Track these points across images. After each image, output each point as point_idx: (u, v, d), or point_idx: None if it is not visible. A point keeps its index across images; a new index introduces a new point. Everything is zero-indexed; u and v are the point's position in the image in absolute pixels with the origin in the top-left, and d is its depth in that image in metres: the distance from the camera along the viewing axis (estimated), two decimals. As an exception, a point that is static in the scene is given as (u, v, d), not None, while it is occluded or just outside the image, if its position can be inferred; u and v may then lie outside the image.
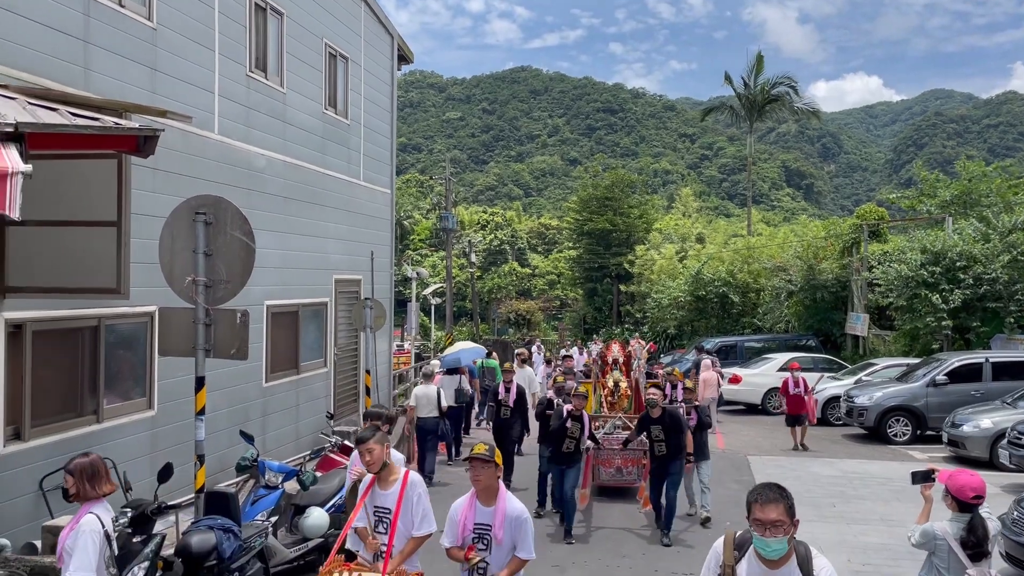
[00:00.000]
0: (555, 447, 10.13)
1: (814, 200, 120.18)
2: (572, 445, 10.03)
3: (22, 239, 6.58)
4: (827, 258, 27.02)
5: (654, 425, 9.76)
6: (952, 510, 4.97)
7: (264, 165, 11.19)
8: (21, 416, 6.91)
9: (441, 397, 12.67)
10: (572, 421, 10.01)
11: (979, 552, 4.77)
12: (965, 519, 4.87)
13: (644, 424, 9.92)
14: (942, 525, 4.95)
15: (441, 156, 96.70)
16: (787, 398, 16.28)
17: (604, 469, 12.05)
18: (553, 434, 10.15)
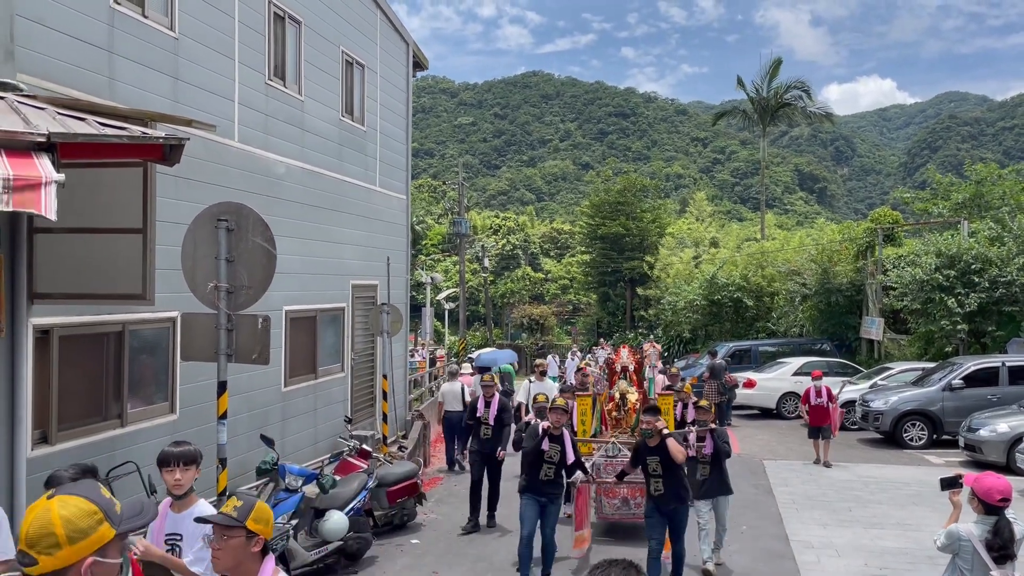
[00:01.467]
0: (530, 475, 8.22)
1: (827, 204, 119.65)
2: (551, 472, 8.19)
3: (50, 246, 6.71)
4: (841, 262, 26.96)
5: (651, 456, 7.81)
6: (978, 512, 5.01)
7: (283, 172, 11.32)
8: (48, 420, 7.04)
9: (465, 392, 13.93)
10: (550, 442, 8.17)
11: (1004, 554, 4.82)
12: (991, 521, 4.92)
13: (640, 455, 7.97)
14: (967, 527, 4.99)
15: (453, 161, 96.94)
16: (809, 408, 15.04)
17: (607, 500, 10.00)
18: (527, 458, 8.29)
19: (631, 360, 12.02)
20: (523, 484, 8.29)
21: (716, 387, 18.75)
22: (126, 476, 7.85)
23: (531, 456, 8.20)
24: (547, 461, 8.16)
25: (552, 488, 8.25)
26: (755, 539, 10.12)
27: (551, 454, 8.18)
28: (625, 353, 12.14)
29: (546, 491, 8.22)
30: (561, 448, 8.22)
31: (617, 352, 12.37)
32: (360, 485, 9.33)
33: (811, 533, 10.39)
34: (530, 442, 8.26)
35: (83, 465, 5.61)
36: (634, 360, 12.13)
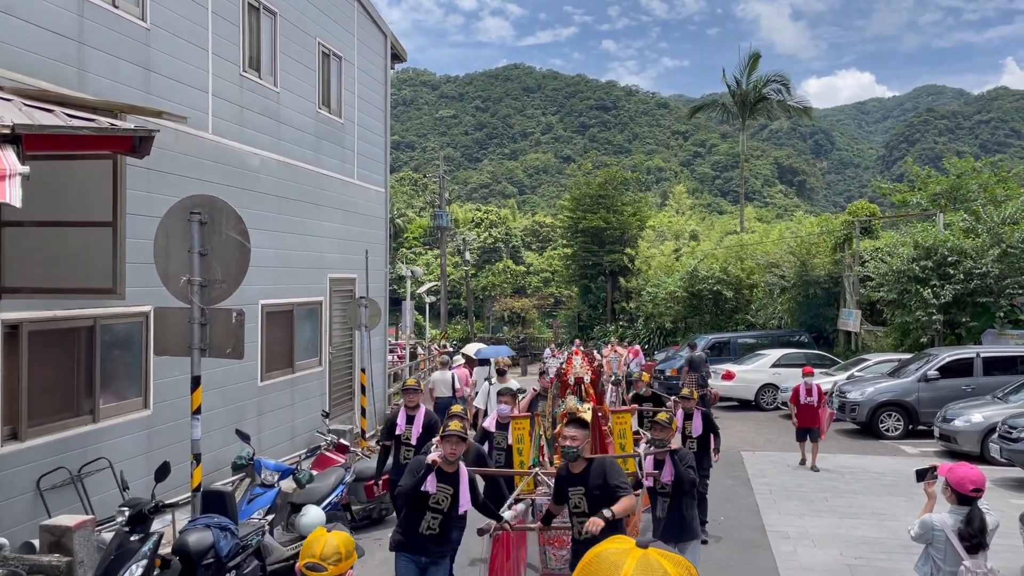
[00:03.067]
0: (407, 525, 6.03)
1: (806, 197, 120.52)
2: (437, 524, 5.94)
3: (18, 240, 6.61)
4: (820, 254, 27.16)
5: (574, 487, 5.71)
6: (951, 503, 5.06)
7: (258, 164, 11.22)
8: (18, 416, 6.95)
9: (456, 380, 14.25)
10: (438, 481, 5.92)
11: (976, 544, 4.86)
12: (963, 512, 4.97)
13: (560, 487, 5.86)
14: (940, 517, 5.03)
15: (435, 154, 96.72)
16: (798, 408, 13.93)
17: (552, 551, 7.27)
18: (404, 503, 6.10)
19: (586, 369, 9.28)
20: (397, 538, 6.05)
21: (696, 379, 18.83)
22: (98, 472, 7.77)
23: (410, 501, 5.93)
24: (432, 508, 5.89)
25: (437, 546, 6.00)
26: (732, 530, 10.18)
27: (437, 499, 5.89)
28: (578, 361, 9.33)
29: (429, 549, 5.97)
30: (453, 492, 5.94)
31: (569, 360, 9.40)
32: (337, 480, 9.29)
33: (788, 524, 10.46)
34: (409, 479, 5.95)
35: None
36: (590, 369, 9.38)
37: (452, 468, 5.97)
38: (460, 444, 6.01)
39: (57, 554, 6.22)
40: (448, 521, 6.05)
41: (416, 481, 5.90)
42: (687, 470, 6.93)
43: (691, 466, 6.98)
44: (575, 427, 5.74)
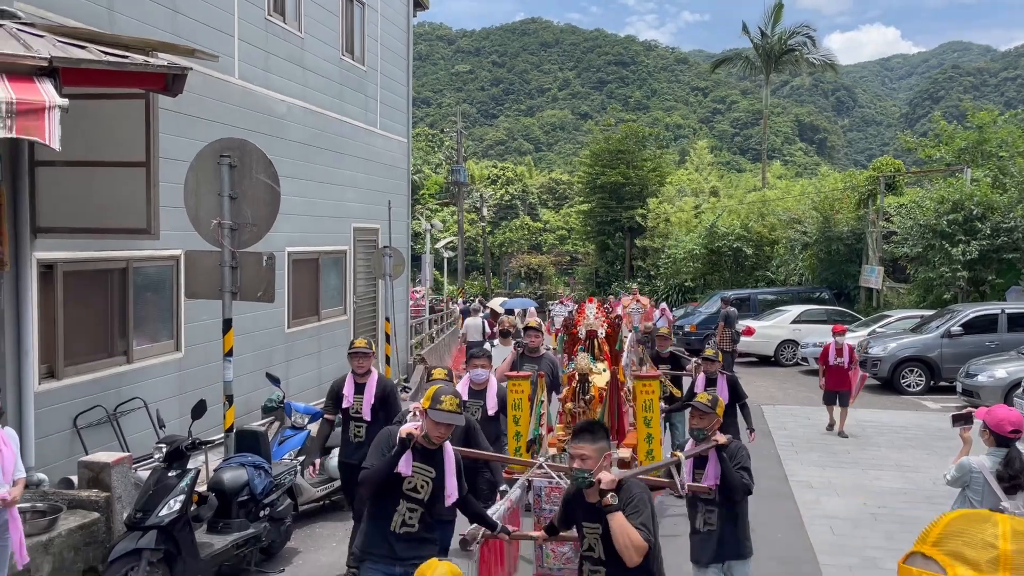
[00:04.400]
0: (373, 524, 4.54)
1: (827, 155, 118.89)
2: (414, 519, 4.46)
3: (52, 180, 6.63)
4: (843, 210, 26.88)
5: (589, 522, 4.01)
6: (989, 444, 5.07)
7: (284, 111, 11.16)
8: (55, 355, 7.04)
9: (485, 326, 14.66)
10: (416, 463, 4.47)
11: (1015, 485, 4.88)
12: (1002, 453, 4.98)
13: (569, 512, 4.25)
14: (979, 459, 5.05)
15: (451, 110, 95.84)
16: (827, 370, 12.95)
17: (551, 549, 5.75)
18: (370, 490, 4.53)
19: (600, 321, 7.64)
20: (361, 544, 4.58)
21: (730, 335, 18.69)
22: (132, 412, 7.89)
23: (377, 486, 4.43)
24: (407, 496, 4.42)
25: (415, 548, 4.43)
26: (755, 479, 10.25)
27: (415, 484, 4.42)
28: (592, 310, 7.74)
29: (404, 554, 4.43)
30: (435, 476, 4.49)
31: (581, 309, 7.83)
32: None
33: (810, 474, 10.52)
34: (376, 458, 4.47)
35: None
36: (606, 321, 7.69)
37: (435, 444, 4.46)
38: (449, 429, 4.49)
39: (96, 489, 6.36)
40: (429, 515, 4.48)
41: (388, 460, 4.36)
42: (739, 472, 5.04)
43: (745, 467, 5.12)
44: (586, 440, 3.86)
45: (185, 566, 5.94)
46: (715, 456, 5.06)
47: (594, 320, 7.63)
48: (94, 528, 6.17)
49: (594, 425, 4.14)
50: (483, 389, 6.96)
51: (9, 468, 4.91)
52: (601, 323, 7.63)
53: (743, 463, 5.17)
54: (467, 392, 6.97)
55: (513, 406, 6.69)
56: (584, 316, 7.74)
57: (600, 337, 7.63)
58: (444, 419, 4.38)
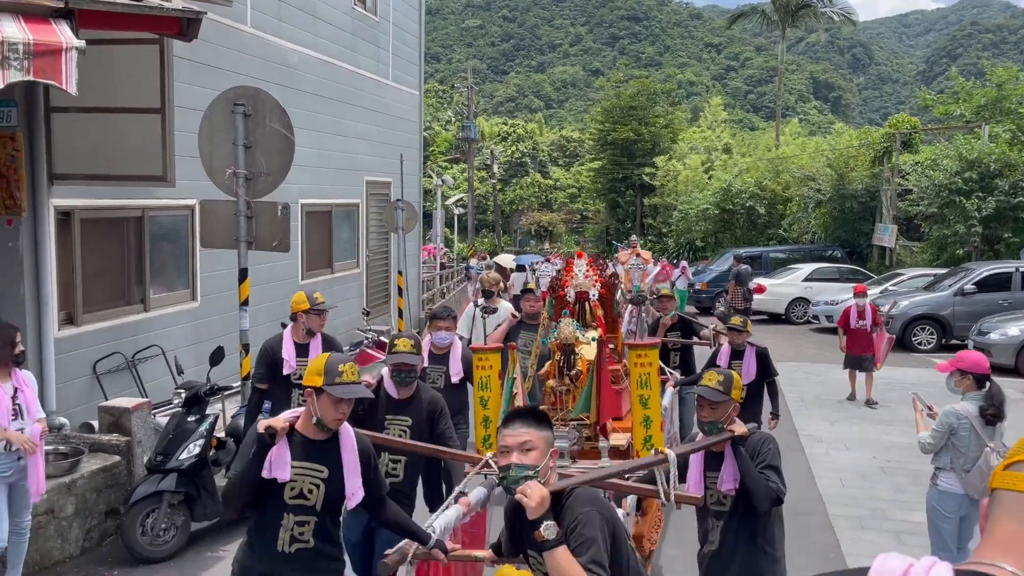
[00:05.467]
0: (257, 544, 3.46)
1: (841, 113, 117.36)
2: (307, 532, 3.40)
3: (67, 127, 6.62)
4: (858, 168, 26.63)
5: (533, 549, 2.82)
6: (969, 390, 5.09)
7: (296, 61, 11.07)
8: (73, 302, 7.11)
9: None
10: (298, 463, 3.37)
11: (996, 416, 4.97)
12: (981, 394, 5.01)
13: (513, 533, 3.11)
14: (962, 405, 5.08)
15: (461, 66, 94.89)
16: (848, 333, 11.86)
17: None
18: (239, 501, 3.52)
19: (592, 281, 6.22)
20: (242, 566, 3.53)
21: (741, 293, 18.62)
22: (150, 359, 7.99)
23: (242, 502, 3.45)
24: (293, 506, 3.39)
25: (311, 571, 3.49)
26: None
27: (299, 488, 3.39)
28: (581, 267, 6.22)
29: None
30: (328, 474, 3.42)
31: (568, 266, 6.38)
32: (377, 375, 9.49)
33: (820, 428, 10.58)
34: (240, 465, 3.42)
35: None
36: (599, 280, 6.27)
37: (328, 432, 3.36)
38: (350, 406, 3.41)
39: (116, 434, 6.46)
40: (329, 523, 3.51)
41: (244, 467, 3.35)
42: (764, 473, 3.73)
43: (773, 466, 3.76)
44: (522, 425, 2.83)
45: (205, 508, 6.07)
46: (731, 452, 3.75)
47: (584, 279, 6.20)
48: (115, 471, 6.29)
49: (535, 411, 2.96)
50: (445, 353, 6.11)
51: (33, 408, 5.00)
52: (593, 283, 6.23)
53: (770, 461, 3.74)
54: (427, 357, 5.95)
55: (480, 385, 5.24)
56: (572, 275, 6.25)
57: (592, 300, 6.26)
58: (347, 393, 3.29)
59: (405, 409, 4.63)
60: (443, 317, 6.27)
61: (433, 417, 4.68)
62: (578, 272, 6.26)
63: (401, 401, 4.65)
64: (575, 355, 5.31)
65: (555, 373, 5.36)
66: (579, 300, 6.22)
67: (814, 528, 7.29)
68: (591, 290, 6.21)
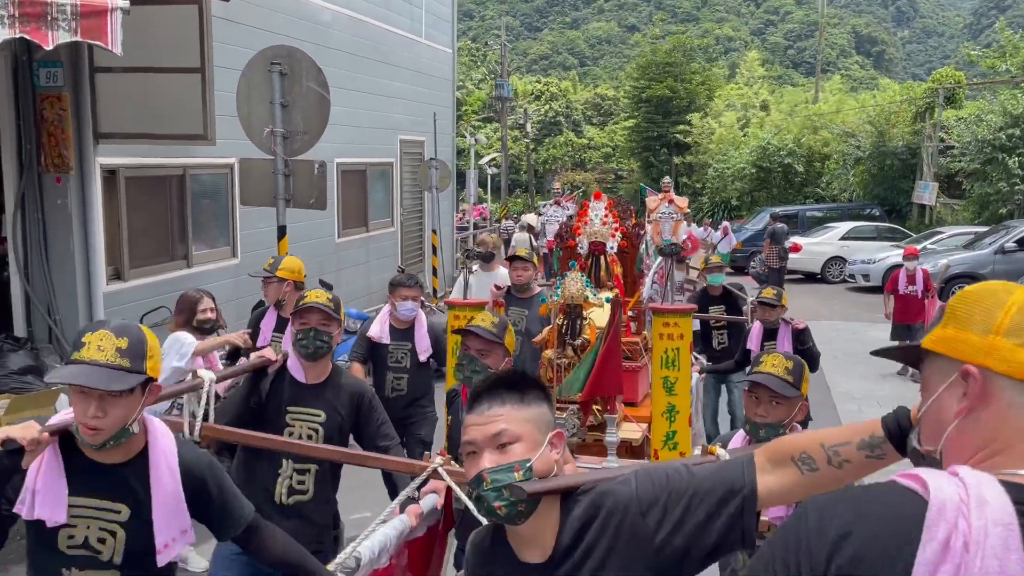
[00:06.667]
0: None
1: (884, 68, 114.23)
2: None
3: (110, 87, 6.80)
4: (899, 124, 26.09)
5: None
6: None
7: (330, 19, 11.14)
8: (120, 258, 7.36)
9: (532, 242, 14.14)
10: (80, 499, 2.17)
11: None
12: None
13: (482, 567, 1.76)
14: None
15: (494, 23, 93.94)
16: (895, 299, 10.83)
17: None
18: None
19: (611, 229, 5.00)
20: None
21: (777, 252, 18.51)
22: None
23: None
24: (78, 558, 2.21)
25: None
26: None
27: (88, 538, 2.20)
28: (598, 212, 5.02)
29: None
30: (134, 511, 2.22)
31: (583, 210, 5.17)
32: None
33: (853, 386, 10.60)
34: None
35: None
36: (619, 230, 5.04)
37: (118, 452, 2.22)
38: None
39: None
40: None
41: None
42: None
43: None
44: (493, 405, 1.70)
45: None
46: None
47: (601, 227, 5.02)
48: (164, 419, 6.56)
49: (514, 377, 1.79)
50: (410, 327, 5.23)
51: None
52: (612, 232, 5.03)
53: None
54: (387, 333, 5.26)
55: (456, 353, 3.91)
56: (586, 221, 5.07)
57: (609, 253, 5.05)
58: (69, 378, 2.08)
59: (316, 398, 3.34)
60: (408, 284, 5.33)
61: (359, 412, 3.44)
62: (594, 217, 5.06)
63: (310, 387, 3.35)
64: (582, 319, 4.24)
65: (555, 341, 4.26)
66: (593, 253, 5.05)
67: (843, 482, 7.38)
68: (608, 241, 5.04)
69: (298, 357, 3.38)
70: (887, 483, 1.11)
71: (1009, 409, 1.13)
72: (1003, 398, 1.14)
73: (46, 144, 6.45)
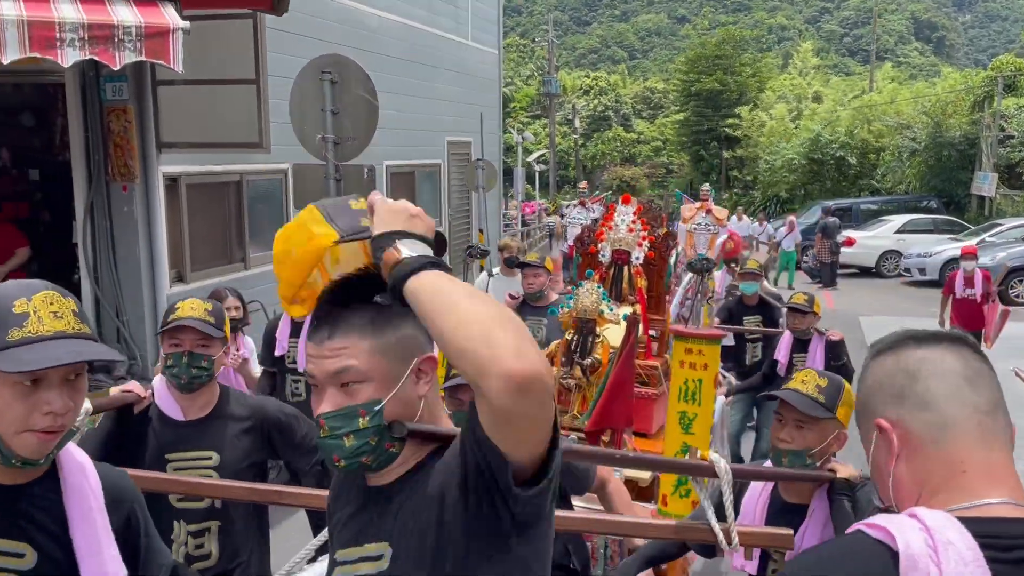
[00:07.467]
0: None
1: (945, 55, 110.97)
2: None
3: (172, 98, 7.14)
4: (956, 114, 25.46)
5: None
6: None
7: (377, 25, 11.42)
8: (182, 261, 7.73)
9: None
10: None
11: None
12: None
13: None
14: None
15: (542, 18, 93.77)
16: (953, 304, 9.83)
17: None
18: None
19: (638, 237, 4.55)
20: None
21: (828, 246, 18.33)
22: (253, 313, 8.60)
23: None
24: None
25: None
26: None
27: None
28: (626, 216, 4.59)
29: None
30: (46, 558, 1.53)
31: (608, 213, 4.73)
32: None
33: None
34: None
35: None
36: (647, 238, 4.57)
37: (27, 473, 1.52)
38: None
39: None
40: None
41: None
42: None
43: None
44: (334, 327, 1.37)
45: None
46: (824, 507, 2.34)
47: (627, 234, 4.47)
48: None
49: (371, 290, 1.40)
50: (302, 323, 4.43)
51: None
52: (639, 240, 4.47)
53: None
54: (287, 331, 4.73)
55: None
56: (611, 227, 4.52)
57: (634, 264, 4.51)
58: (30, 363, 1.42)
59: (202, 437, 2.62)
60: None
61: (268, 435, 2.72)
62: (620, 223, 4.49)
63: (193, 424, 2.62)
64: (595, 337, 3.79)
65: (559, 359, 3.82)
66: (616, 262, 4.50)
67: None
68: (634, 250, 4.46)
69: (170, 389, 2.58)
70: (855, 535, 1.13)
71: (932, 445, 1.17)
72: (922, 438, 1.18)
73: (113, 155, 6.82)
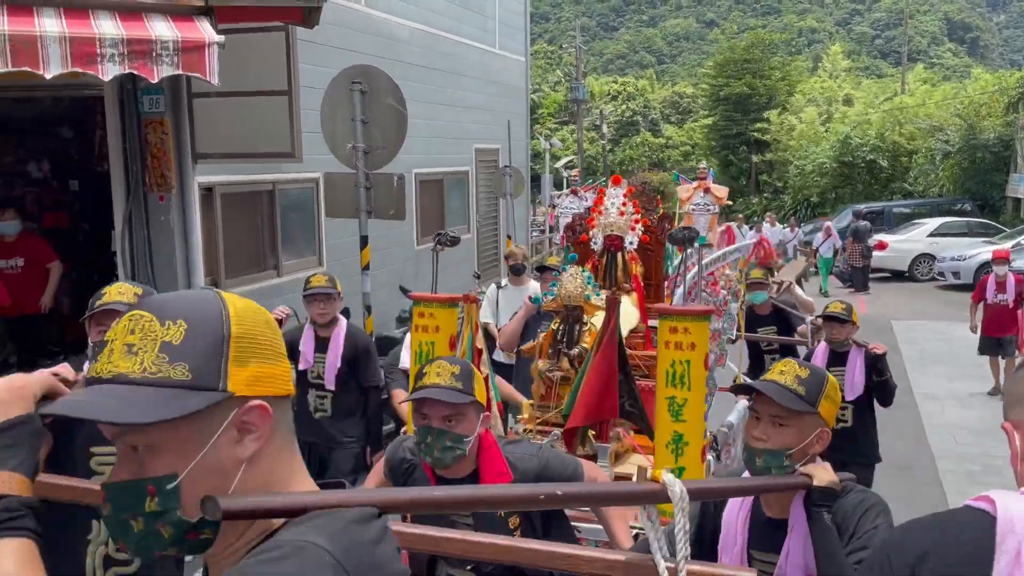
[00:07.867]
0: None
1: (979, 56, 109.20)
2: None
3: (207, 110, 7.32)
4: (990, 116, 25.12)
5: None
6: None
7: (406, 35, 11.58)
8: (217, 269, 7.92)
9: None
10: None
11: None
12: None
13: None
14: None
15: (569, 24, 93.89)
16: (984, 308, 9.67)
17: None
18: None
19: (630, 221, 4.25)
20: None
21: (859, 250, 18.21)
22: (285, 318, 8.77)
23: None
24: None
25: None
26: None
27: None
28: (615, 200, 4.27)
29: None
30: None
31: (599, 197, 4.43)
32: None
33: (936, 386, 10.41)
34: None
35: None
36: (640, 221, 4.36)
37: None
38: None
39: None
40: None
41: None
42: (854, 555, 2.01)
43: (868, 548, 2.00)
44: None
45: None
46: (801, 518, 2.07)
47: (618, 218, 4.16)
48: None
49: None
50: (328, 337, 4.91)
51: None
52: (631, 223, 4.18)
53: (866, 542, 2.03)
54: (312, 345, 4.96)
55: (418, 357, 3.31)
56: (601, 211, 4.24)
57: (628, 249, 4.24)
58: None
59: None
60: (320, 297, 5.05)
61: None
62: (610, 207, 4.15)
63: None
64: (582, 325, 3.54)
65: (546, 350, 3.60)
66: (608, 249, 4.17)
67: (921, 481, 7.31)
68: (627, 235, 4.15)
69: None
70: (961, 508, 1.23)
71: None
72: None
73: (150, 165, 7.01)
